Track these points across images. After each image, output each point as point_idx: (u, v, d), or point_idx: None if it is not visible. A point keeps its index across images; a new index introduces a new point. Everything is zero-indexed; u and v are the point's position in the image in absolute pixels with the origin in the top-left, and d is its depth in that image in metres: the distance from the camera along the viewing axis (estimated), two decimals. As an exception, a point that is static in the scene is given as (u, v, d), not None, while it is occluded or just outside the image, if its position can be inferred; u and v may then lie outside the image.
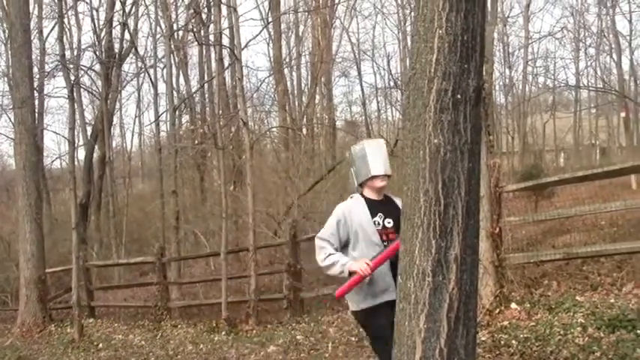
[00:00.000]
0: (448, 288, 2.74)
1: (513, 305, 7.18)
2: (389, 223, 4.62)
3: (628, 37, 32.59)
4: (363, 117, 30.62)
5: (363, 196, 4.80)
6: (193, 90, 25.28)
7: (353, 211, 4.69)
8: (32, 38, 18.12)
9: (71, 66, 18.21)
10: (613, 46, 31.77)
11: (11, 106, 15.02)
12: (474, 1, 2.70)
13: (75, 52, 23.83)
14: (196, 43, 22.44)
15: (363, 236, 4.57)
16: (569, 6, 49.44)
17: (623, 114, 30.57)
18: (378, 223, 4.60)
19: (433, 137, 2.69)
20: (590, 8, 40.69)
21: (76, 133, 19.90)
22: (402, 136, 2.99)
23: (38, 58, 23.40)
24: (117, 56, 23.04)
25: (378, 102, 35.62)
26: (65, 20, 23.55)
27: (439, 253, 2.72)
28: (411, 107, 2.79)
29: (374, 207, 4.68)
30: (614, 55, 31.93)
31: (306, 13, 26.00)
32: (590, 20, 37.11)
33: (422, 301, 2.75)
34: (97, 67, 23.75)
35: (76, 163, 17.56)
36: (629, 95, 29.29)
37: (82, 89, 24.04)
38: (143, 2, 24.86)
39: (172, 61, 21.29)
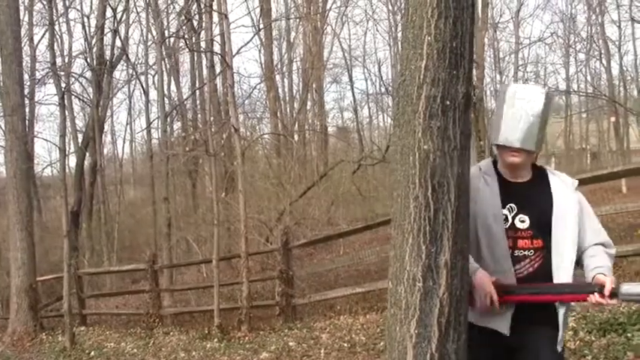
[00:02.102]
0: (439, 293, 2.75)
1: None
2: (522, 222, 3.07)
3: (617, 43, 32.79)
4: (355, 123, 30.76)
5: (496, 167, 3.24)
6: (185, 97, 25.33)
7: (480, 181, 3.17)
8: (23, 45, 18.11)
9: (62, 73, 18.24)
10: (602, 51, 31.96)
11: (2, 114, 14.98)
12: (462, 8, 2.72)
13: (66, 59, 23.86)
14: (187, 50, 22.49)
15: (486, 235, 3.09)
16: (559, 12, 49.69)
17: (613, 119, 30.73)
18: (506, 218, 3.08)
19: (423, 143, 2.70)
20: (580, 14, 40.82)
21: (67, 141, 19.92)
22: (392, 143, 2.99)
23: (29, 65, 23.44)
24: (108, 63, 23.02)
25: (369, 108, 35.82)
26: (56, 27, 23.66)
27: (429, 259, 2.73)
28: (401, 114, 2.80)
29: (505, 191, 3.12)
30: (604, 61, 32.14)
31: (298, 20, 26.06)
32: (579, 26, 37.17)
33: (413, 306, 2.76)
34: (88, 74, 23.72)
35: (67, 170, 17.52)
36: (618, 100, 29.42)
37: (73, 96, 24.03)
38: (134, 9, 24.92)
39: (164, 68, 21.33)
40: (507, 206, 3.09)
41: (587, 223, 3.11)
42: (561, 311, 3.06)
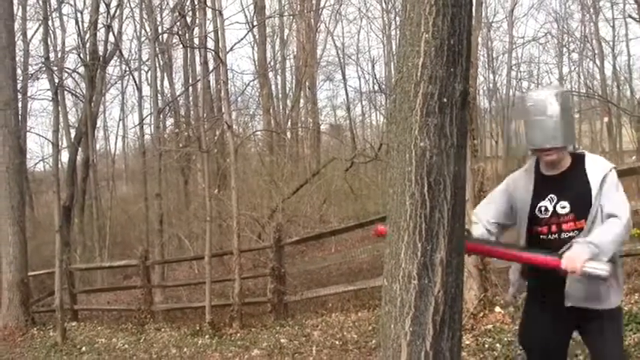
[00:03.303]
0: (434, 291, 2.75)
1: (497, 309, 7.20)
2: (563, 208, 3.42)
3: (611, 43, 32.84)
4: (348, 121, 30.77)
5: (537, 165, 3.61)
6: (178, 93, 25.31)
7: (518, 185, 3.61)
8: (16, 40, 18.03)
9: (55, 68, 18.23)
10: (596, 51, 32.00)
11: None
12: (460, 5, 2.72)
13: (59, 55, 23.80)
14: (181, 46, 22.53)
15: (519, 224, 3.60)
16: (553, 11, 49.75)
17: (606, 119, 30.79)
18: (546, 210, 3.46)
19: (419, 140, 2.70)
20: (574, 14, 40.91)
21: (59, 136, 19.81)
22: (388, 140, 3.00)
23: (22, 60, 23.27)
24: (101, 59, 22.93)
25: (362, 106, 35.73)
26: (49, 22, 23.52)
27: (425, 256, 2.73)
28: (397, 111, 2.80)
29: (544, 185, 3.51)
30: (597, 61, 32.16)
31: (291, 17, 26.05)
32: (573, 26, 37.23)
33: (407, 304, 2.76)
34: (81, 70, 23.63)
35: (59, 165, 17.46)
36: (611, 100, 29.48)
37: (65, 91, 23.93)
38: (128, 5, 24.83)
39: (157, 64, 21.30)
40: (548, 197, 3.46)
41: (608, 199, 3.35)
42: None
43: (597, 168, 3.40)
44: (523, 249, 3.49)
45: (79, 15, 23.80)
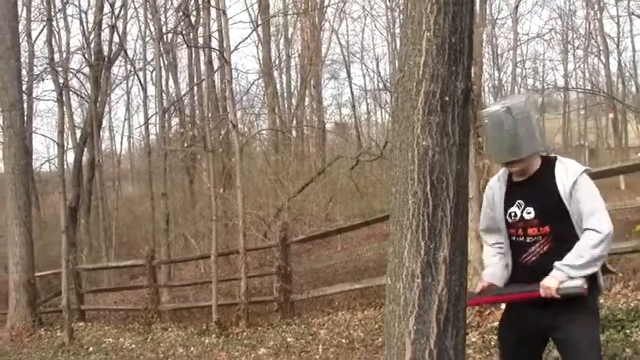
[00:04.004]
0: (437, 289, 2.75)
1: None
2: (529, 213, 3.46)
3: (616, 39, 32.77)
4: (353, 119, 30.76)
5: (508, 172, 3.65)
6: (183, 93, 25.29)
7: (495, 193, 3.67)
8: (21, 41, 18.07)
9: (60, 69, 18.28)
10: (601, 47, 31.93)
11: (0, 110, 14.97)
12: (461, 3, 2.72)
13: (64, 55, 23.93)
14: (186, 45, 22.51)
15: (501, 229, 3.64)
16: (558, 8, 49.62)
17: (611, 115, 30.74)
18: (515, 215, 3.51)
19: (421, 139, 2.70)
20: (578, 10, 40.87)
21: (65, 136, 19.92)
22: (391, 138, 3.00)
23: (27, 60, 23.28)
24: (106, 59, 22.99)
25: (367, 104, 35.77)
26: (54, 23, 23.63)
27: (428, 255, 2.73)
28: (400, 109, 2.80)
29: (514, 191, 3.57)
30: (602, 57, 32.12)
31: (296, 16, 26.05)
32: (578, 22, 37.17)
33: (411, 302, 2.76)
34: (86, 70, 23.73)
35: (65, 166, 17.55)
36: (616, 97, 29.42)
37: (71, 92, 24.02)
38: (132, 5, 24.92)
39: (162, 64, 21.28)
40: (516, 203, 3.51)
41: (582, 207, 3.38)
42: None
43: (567, 173, 3.41)
44: (512, 288, 3.59)
45: (83, 15, 23.98)
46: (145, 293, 12.97)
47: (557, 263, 3.30)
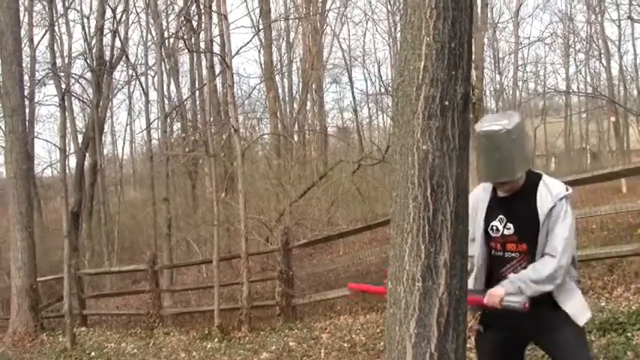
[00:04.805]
0: (438, 293, 2.76)
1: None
2: (508, 229, 3.54)
3: (617, 42, 32.80)
4: (355, 123, 30.76)
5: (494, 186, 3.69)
6: (184, 97, 25.36)
7: (478, 203, 3.68)
8: (23, 46, 18.10)
9: (62, 74, 18.27)
10: (602, 51, 31.96)
11: (2, 115, 14.98)
12: (461, 9, 2.73)
13: (66, 60, 23.92)
14: (187, 50, 22.49)
15: (473, 236, 3.57)
16: (559, 11, 49.71)
17: (613, 118, 30.76)
18: (497, 229, 3.58)
19: (422, 143, 2.71)
20: (579, 14, 40.90)
21: (67, 141, 19.89)
22: (391, 143, 3.02)
23: (29, 66, 23.38)
24: (108, 64, 23.04)
25: (369, 108, 35.87)
26: (56, 28, 23.66)
27: (428, 259, 2.74)
28: (400, 114, 2.81)
29: (497, 205, 3.63)
30: (604, 60, 32.14)
31: (297, 20, 26.09)
32: (579, 26, 37.24)
33: (412, 306, 2.77)
34: (88, 75, 23.79)
35: (67, 171, 17.53)
36: (618, 100, 29.44)
37: (72, 97, 24.06)
38: (134, 10, 24.99)
39: (163, 69, 21.34)
40: (498, 217, 3.57)
41: (550, 234, 3.45)
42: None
43: (548, 196, 3.45)
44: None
45: (85, 21, 23.99)
46: (147, 298, 12.97)
47: (511, 276, 3.43)
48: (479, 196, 3.69)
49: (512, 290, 3.35)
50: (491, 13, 28.21)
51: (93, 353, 11.15)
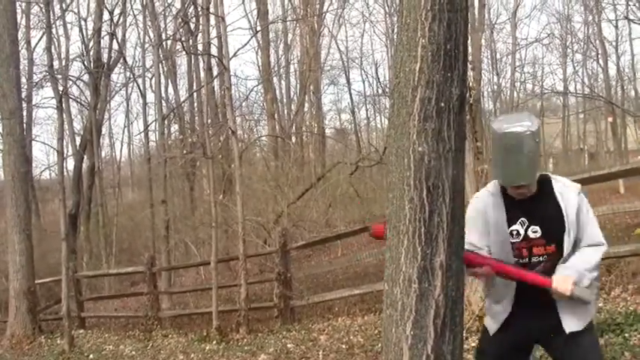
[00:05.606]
0: (434, 294, 2.76)
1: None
2: (535, 232, 3.36)
3: (614, 43, 32.83)
4: (353, 125, 30.80)
5: (504, 187, 3.46)
6: (182, 99, 25.33)
7: (488, 208, 3.46)
8: (20, 49, 18.11)
9: (59, 76, 18.27)
10: (599, 51, 32.00)
11: (-1, 117, 14.98)
12: (456, 10, 2.73)
13: (63, 63, 23.89)
14: (185, 52, 22.50)
15: (497, 247, 3.43)
16: (556, 12, 49.77)
17: (610, 119, 30.81)
18: (518, 234, 3.38)
19: (417, 145, 2.71)
20: (577, 15, 41.00)
21: (64, 144, 19.88)
22: (388, 144, 3.01)
23: (26, 68, 23.35)
24: (105, 66, 23.05)
25: (367, 110, 35.90)
26: (53, 30, 23.60)
27: (425, 260, 2.74)
28: (396, 116, 2.81)
29: (515, 208, 3.41)
30: (601, 61, 32.18)
31: (295, 22, 26.10)
32: (576, 26, 37.26)
33: (408, 307, 2.77)
34: (86, 77, 23.81)
35: (65, 173, 17.55)
36: (615, 101, 29.49)
37: (70, 99, 24.00)
38: (131, 12, 24.97)
39: (161, 71, 21.30)
40: (519, 221, 3.37)
41: (585, 227, 3.37)
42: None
43: (569, 193, 3.39)
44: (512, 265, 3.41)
45: (82, 23, 24.05)
46: (146, 300, 12.95)
47: (564, 265, 3.32)
48: (487, 201, 3.49)
49: (576, 280, 3.23)
50: (488, 14, 28.35)
51: (91, 356, 11.14)
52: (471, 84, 6.44)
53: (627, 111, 28.14)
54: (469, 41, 3.06)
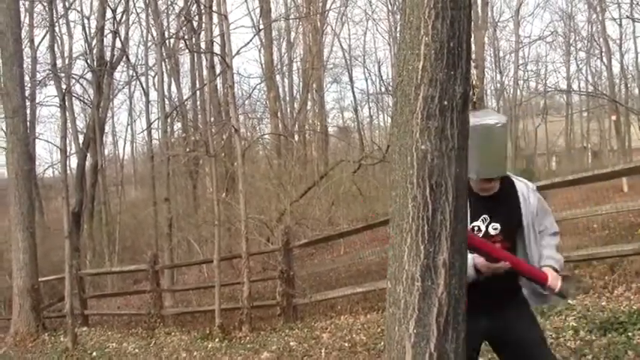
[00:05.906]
0: (437, 293, 2.75)
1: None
2: (495, 229, 3.48)
3: (618, 41, 32.78)
4: (355, 123, 30.78)
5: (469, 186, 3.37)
6: (185, 97, 25.35)
7: None
8: (23, 47, 18.12)
9: (63, 74, 18.27)
10: (603, 49, 31.96)
11: (3, 116, 14.99)
12: (460, 8, 2.72)
13: (66, 61, 23.92)
14: (187, 50, 22.53)
15: None
16: (559, 10, 49.69)
17: (614, 117, 30.75)
18: (479, 229, 3.47)
19: (420, 143, 2.70)
20: (580, 13, 40.95)
21: (68, 142, 19.88)
22: (391, 143, 3.01)
23: (29, 67, 23.40)
24: (108, 64, 23.04)
25: (369, 108, 35.97)
26: (56, 29, 23.66)
27: (428, 258, 2.73)
28: (399, 114, 2.80)
29: (478, 205, 3.45)
30: (605, 59, 32.11)
31: (298, 20, 26.09)
32: (580, 24, 37.24)
33: (411, 306, 2.76)
34: (89, 76, 23.76)
35: (68, 171, 17.56)
36: (619, 99, 29.45)
37: (73, 97, 24.03)
38: (134, 10, 24.97)
39: (164, 69, 21.33)
40: (481, 217, 3.48)
41: (544, 221, 3.65)
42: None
43: (529, 192, 3.55)
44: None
45: (85, 21, 24.00)
46: (149, 298, 12.97)
47: (548, 261, 3.51)
48: None
49: (559, 268, 3.48)
50: (491, 12, 28.28)
51: (94, 353, 11.15)
52: (474, 82, 6.45)
53: (631, 109, 28.09)
54: (472, 39, 3.05)
